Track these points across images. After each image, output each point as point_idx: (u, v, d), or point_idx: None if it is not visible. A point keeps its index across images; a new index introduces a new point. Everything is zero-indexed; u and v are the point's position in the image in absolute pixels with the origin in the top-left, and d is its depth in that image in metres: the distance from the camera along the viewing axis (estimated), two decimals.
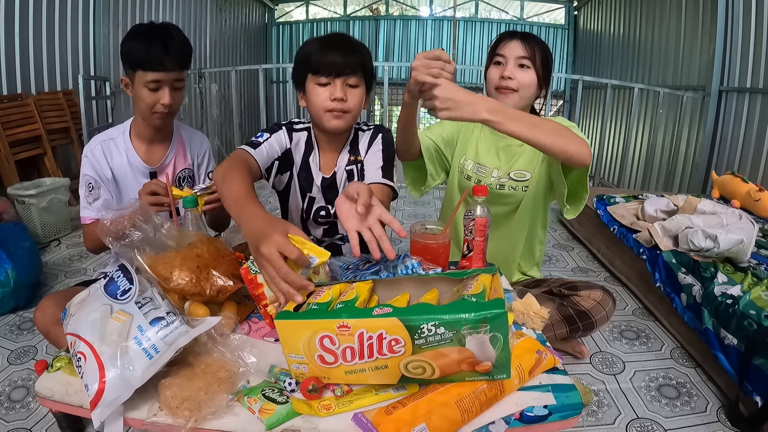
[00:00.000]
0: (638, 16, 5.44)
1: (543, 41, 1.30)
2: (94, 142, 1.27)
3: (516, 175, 1.33)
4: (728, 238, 1.57)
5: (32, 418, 1.25)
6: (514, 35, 1.28)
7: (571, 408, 0.69)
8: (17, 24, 3.20)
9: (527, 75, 1.26)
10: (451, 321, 0.60)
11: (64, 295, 1.11)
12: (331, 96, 1.10)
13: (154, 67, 1.14)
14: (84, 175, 1.25)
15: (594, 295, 1.30)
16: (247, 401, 0.67)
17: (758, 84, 3.31)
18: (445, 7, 7.98)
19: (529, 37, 1.28)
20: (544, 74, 1.27)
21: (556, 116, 1.37)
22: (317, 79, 1.11)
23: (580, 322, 1.30)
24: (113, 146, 1.28)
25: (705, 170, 3.82)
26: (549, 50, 1.30)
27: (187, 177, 1.38)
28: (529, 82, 1.26)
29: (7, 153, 2.81)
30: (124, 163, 1.28)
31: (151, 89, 1.17)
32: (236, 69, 4.44)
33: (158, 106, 1.19)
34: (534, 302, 0.90)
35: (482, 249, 1.06)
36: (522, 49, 1.25)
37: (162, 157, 1.32)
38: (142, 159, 1.29)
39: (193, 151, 1.40)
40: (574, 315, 1.29)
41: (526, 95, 1.27)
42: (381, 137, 1.25)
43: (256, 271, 0.85)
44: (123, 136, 1.29)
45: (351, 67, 1.10)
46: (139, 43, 1.14)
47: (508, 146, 1.35)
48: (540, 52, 1.26)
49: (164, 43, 1.14)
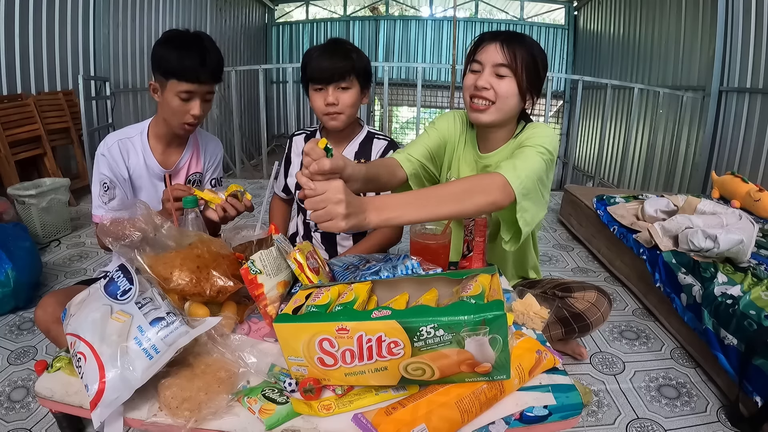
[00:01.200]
0: (638, 16, 5.44)
1: (532, 42, 1.10)
2: (111, 140, 1.24)
3: None
4: (728, 239, 1.57)
5: (32, 419, 1.25)
6: (495, 37, 1.09)
7: (571, 408, 0.69)
8: (17, 24, 3.20)
9: (505, 85, 1.07)
10: (450, 323, 0.60)
11: (65, 294, 1.11)
12: (325, 101, 1.27)
13: (189, 78, 1.13)
14: (100, 173, 1.22)
15: (588, 297, 1.28)
16: (247, 401, 0.67)
17: (758, 84, 3.31)
18: (445, 7, 7.99)
19: (512, 39, 1.08)
20: (529, 83, 1.08)
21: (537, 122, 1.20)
22: (314, 86, 1.29)
23: (575, 324, 1.29)
24: (130, 146, 1.26)
25: (705, 170, 3.82)
26: (538, 53, 1.09)
27: (196, 181, 1.38)
28: (508, 92, 1.07)
29: (7, 153, 2.81)
30: (141, 164, 1.26)
31: (182, 99, 1.15)
32: (236, 69, 4.44)
33: (188, 117, 1.18)
34: (534, 302, 0.90)
35: (482, 249, 1.06)
36: (500, 55, 1.06)
37: (177, 160, 1.31)
38: (158, 161, 1.28)
39: (207, 156, 1.40)
40: (568, 317, 1.29)
41: (505, 107, 1.09)
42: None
43: (256, 271, 0.85)
44: (141, 137, 1.27)
45: (340, 73, 1.25)
46: (175, 51, 1.12)
47: (488, 167, 1.21)
48: (524, 57, 1.07)
49: (201, 55, 1.13)
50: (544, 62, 1.12)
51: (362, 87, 1.31)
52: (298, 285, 0.93)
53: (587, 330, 1.31)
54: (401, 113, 9.10)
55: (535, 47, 1.10)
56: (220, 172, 1.45)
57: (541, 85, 1.14)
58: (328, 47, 1.28)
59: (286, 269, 0.91)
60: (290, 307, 0.73)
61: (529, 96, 1.12)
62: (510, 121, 1.16)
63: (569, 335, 1.34)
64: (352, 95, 1.29)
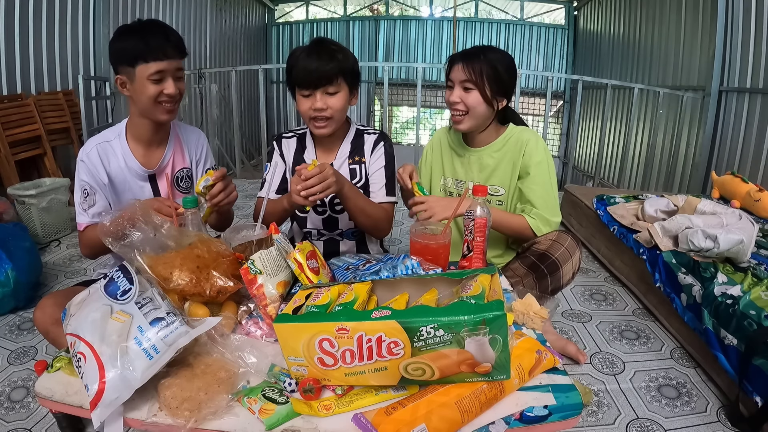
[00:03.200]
0: (638, 16, 5.44)
1: (494, 54, 1.28)
2: (90, 146, 1.22)
3: (491, 190, 1.39)
4: (728, 238, 1.57)
5: (32, 419, 1.25)
6: (460, 57, 1.29)
7: (571, 408, 0.69)
8: (17, 24, 3.20)
9: (472, 97, 1.27)
10: (450, 323, 0.60)
11: (64, 295, 1.10)
12: (312, 106, 1.22)
13: (157, 57, 1.12)
14: (80, 180, 1.21)
15: (550, 236, 1.29)
16: (247, 401, 0.67)
17: (758, 84, 3.31)
18: (445, 7, 7.99)
19: (473, 56, 1.27)
20: (494, 90, 1.27)
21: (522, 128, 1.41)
22: (300, 91, 1.23)
23: (542, 265, 1.26)
24: (110, 149, 1.24)
25: (705, 170, 3.82)
26: (499, 61, 1.27)
27: (185, 177, 1.36)
28: (475, 103, 1.28)
29: (7, 153, 2.81)
30: (122, 167, 1.24)
31: (154, 81, 1.14)
32: (236, 69, 4.44)
33: (163, 96, 1.17)
34: (534, 302, 0.90)
35: (482, 249, 1.06)
36: (463, 73, 1.27)
37: (159, 159, 1.29)
38: (140, 162, 1.26)
39: (191, 149, 1.37)
40: (534, 260, 1.28)
41: (476, 114, 1.30)
42: (383, 148, 1.37)
43: (256, 271, 0.85)
44: (119, 139, 1.25)
45: (327, 77, 1.19)
46: (136, 37, 1.12)
47: (479, 159, 1.40)
48: (485, 70, 1.25)
49: (163, 32, 1.14)
50: (508, 67, 1.30)
51: (351, 88, 1.26)
52: (298, 285, 0.93)
53: (556, 270, 1.26)
54: (401, 113, 9.10)
55: (497, 57, 1.28)
56: (211, 160, 1.43)
57: (509, 88, 1.32)
58: (312, 48, 1.21)
59: (286, 269, 0.91)
60: (290, 307, 0.73)
61: (496, 102, 1.30)
62: (485, 122, 1.35)
63: (541, 282, 1.28)
64: (341, 99, 1.23)
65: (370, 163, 1.37)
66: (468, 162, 1.42)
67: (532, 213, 1.31)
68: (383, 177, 1.35)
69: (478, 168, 1.41)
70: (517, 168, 1.35)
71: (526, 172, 1.33)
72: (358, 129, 1.38)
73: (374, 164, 1.36)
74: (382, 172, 1.35)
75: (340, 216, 1.38)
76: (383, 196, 1.34)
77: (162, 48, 1.13)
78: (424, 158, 1.55)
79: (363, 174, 1.37)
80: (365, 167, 1.37)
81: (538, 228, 1.30)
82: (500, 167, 1.37)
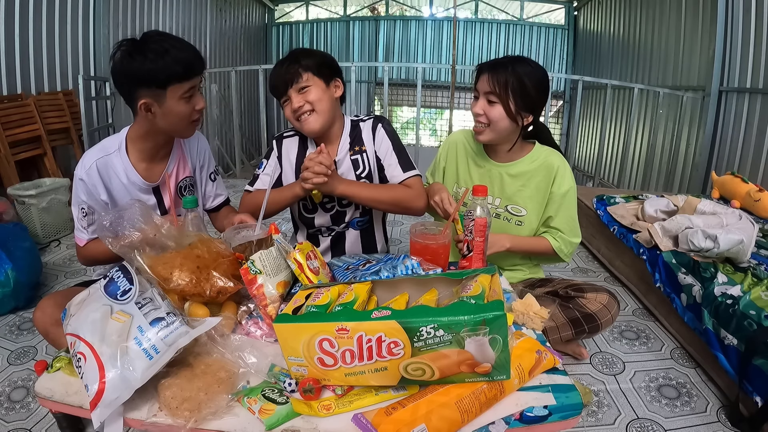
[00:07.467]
0: (638, 16, 5.44)
1: (523, 67, 1.20)
2: (89, 161, 1.15)
3: (512, 209, 1.36)
4: (728, 239, 1.57)
5: (32, 419, 1.25)
6: (486, 68, 1.23)
7: (571, 408, 0.69)
8: (17, 24, 3.20)
9: (495, 111, 1.22)
10: (450, 323, 0.60)
11: (64, 296, 1.10)
12: (292, 108, 1.26)
13: (190, 75, 1.10)
14: (78, 199, 1.16)
15: (600, 298, 1.31)
16: (247, 401, 0.67)
17: (758, 84, 3.31)
18: (445, 7, 7.99)
19: (501, 67, 1.20)
20: (519, 105, 1.21)
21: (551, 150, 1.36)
22: (280, 101, 1.30)
23: (586, 325, 1.30)
24: (110, 165, 1.18)
25: (705, 170, 3.82)
26: (528, 75, 1.20)
27: (188, 185, 1.32)
28: (498, 117, 1.22)
29: (7, 153, 2.81)
30: (124, 183, 1.20)
31: (186, 99, 1.12)
32: (236, 69, 4.44)
33: (195, 114, 1.16)
34: (534, 302, 0.90)
35: (482, 249, 1.06)
36: (488, 84, 1.21)
37: (162, 171, 1.25)
38: (143, 176, 1.21)
39: (194, 156, 1.34)
40: (580, 317, 1.30)
41: (497, 129, 1.25)
42: (382, 129, 1.35)
43: (256, 271, 0.85)
44: (119, 153, 1.19)
45: (292, 79, 1.24)
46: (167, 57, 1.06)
47: (501, 175, 1.35)
48: (511, 83, 1.19)
49: (188, 48, 1.11)
50: (539, 82, 1.22)
51: (327, 80, 1.27)
52: (298, 285, 0.93)
53: (596, 331, 1.32)
54: (401, 113, 9.10)
55: (526, 71, 1.20)
56: (212, 164, 1.41)
57: (537, 104, 1.24)
58: (283, 61, 1.27)
59: (286, 269, 0.91)
60: (290, 307, 0.73)
61: (521, 117, 1.24)
62: (509, 138, 1.30)
63: (578, 336, 1.35)
64: (315, 91, 1.24)
65: (376, 148, 1.35)
66: (489, 175, 1.36)
67: (556, 236, 1.33)
68: (393, 155, 1.32)
69: (500, 184, 1.35)
70: (546, 196, 1.32)
71: (554, 200, 1.32)
72: (352, 121, 1.38)
73: (380, 147, 1.34)
74: (390, 151, 1.33)
75: (348, 209, 1.38)
76: (401, 174, 1.30)
77: (192, 65, 1.11)
78: (437, 159, 1.49)
79: (366, 163, 1.35)
80: (367, 155, 1.35)
81: (560, 249, 1.33)
82: (526, 190, 1.33)
